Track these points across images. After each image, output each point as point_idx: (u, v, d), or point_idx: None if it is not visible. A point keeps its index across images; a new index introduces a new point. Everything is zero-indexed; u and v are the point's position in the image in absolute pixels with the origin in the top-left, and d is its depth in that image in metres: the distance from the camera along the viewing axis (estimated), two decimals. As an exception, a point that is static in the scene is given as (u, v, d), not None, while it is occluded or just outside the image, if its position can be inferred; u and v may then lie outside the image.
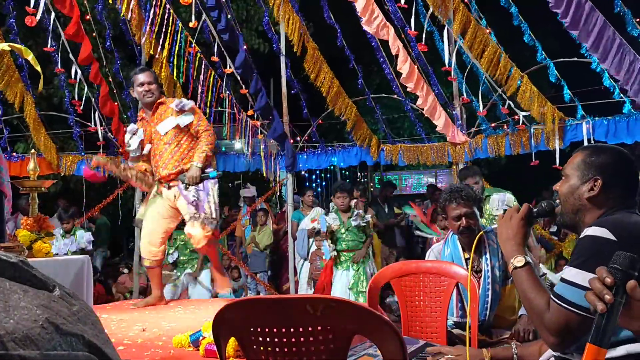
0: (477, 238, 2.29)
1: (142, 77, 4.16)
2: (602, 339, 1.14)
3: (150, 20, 6.77)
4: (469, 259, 2.95)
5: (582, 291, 1.41)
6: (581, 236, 1.58)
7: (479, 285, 2.87)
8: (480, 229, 2.97)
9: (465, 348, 1.98)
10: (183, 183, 4.06)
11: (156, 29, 6.79)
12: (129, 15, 6.88)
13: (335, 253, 5.72)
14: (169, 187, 4.14)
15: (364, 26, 6.05)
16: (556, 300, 1.49)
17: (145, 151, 4.21)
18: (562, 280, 1.51)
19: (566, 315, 1.46)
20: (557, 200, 1.78)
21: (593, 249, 1.49)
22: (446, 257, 3.03)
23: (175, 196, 4.13)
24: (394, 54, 6.10)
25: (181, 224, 4.38)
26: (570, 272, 1.49)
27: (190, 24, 6.69)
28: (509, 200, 4.79)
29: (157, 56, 7.04)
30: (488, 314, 2.83)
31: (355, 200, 6.17)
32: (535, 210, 1.77)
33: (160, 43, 6.81)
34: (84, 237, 6.49)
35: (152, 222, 4.21)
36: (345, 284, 5.70)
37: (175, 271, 6.38)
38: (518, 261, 1.63)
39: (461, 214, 2.87)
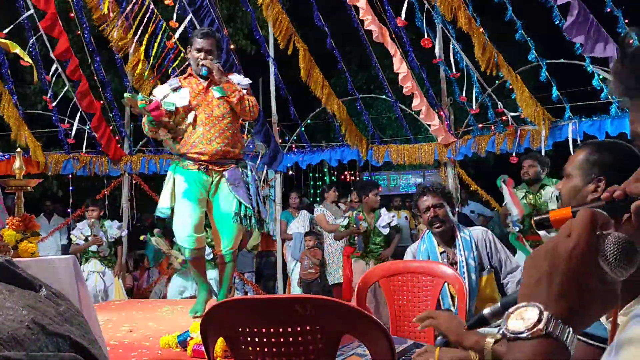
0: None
1: (201, 43, 3.53)
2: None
3: (124, 15, 6.68)
4: (443, 252, 3.04)
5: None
6: None
7: None
8: (452, 223, 3.04)
9: (452, 349, 1.97)
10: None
11: (134, 27, 6.69)
12: (102, 9, 6.69)
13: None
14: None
15: (369, 27, 6.01)
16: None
17: (189, 119, 3.53)
18: None
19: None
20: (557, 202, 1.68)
21: None
22: (422, 253, 3.13)
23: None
24: (392, 54, 6.10)
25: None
26: None
27: (171, 23, 6.62)
28: None
29: (133, 53, 6.90)
30: (468, 301, 2.89)
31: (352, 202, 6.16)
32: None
33: (136, 39, 6.71)
34: (112, 226, 6.14)
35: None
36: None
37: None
38: None
39: (429, 205, 3.07)
